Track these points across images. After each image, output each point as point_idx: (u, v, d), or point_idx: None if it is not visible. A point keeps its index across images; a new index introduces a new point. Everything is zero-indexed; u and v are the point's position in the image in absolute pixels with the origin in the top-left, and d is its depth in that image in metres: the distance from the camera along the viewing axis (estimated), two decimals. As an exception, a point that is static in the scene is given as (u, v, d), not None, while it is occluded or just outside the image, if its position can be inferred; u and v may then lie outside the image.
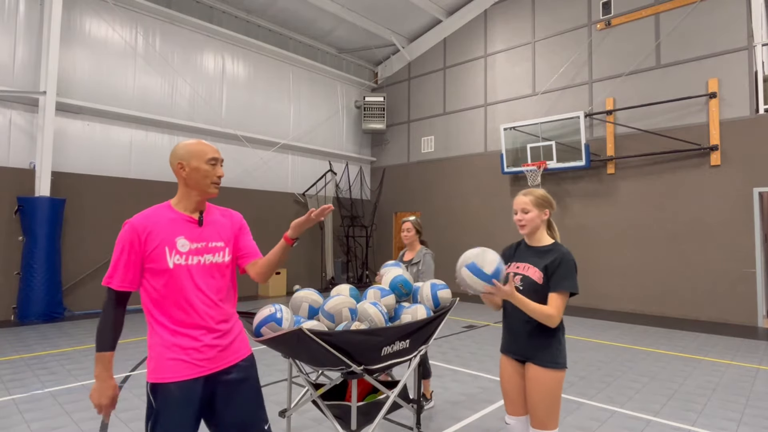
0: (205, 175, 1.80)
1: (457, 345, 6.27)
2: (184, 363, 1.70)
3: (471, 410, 3.88)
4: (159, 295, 1.73)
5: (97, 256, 8.44)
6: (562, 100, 10.31)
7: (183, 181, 1.81)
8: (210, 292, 1.79)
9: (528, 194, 2.32)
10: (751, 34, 8.06)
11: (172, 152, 1.83)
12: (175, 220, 1.78)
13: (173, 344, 1.71)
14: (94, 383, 1.71)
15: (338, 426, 2.37)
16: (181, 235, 1.77)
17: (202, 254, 1.79)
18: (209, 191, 1.83)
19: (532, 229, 2.30)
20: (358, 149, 14.18)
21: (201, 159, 1.79)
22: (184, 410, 1.70)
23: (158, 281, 1.72)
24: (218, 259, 1.84)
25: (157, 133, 9.57)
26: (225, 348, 1.80)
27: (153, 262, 1.72)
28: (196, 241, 1.79)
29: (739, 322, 7.84)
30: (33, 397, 4.08)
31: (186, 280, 1.74)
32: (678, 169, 8.68)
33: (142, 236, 1.71)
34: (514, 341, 2.30)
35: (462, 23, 12.40)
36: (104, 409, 1.69)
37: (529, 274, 2.23)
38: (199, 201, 1.84)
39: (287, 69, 12.17)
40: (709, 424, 3.64)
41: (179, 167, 1.79)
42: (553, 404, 2.16)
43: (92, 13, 8.72)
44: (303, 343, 2.16)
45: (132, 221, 1.73)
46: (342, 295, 2.62)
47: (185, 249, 1.76)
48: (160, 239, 1.73)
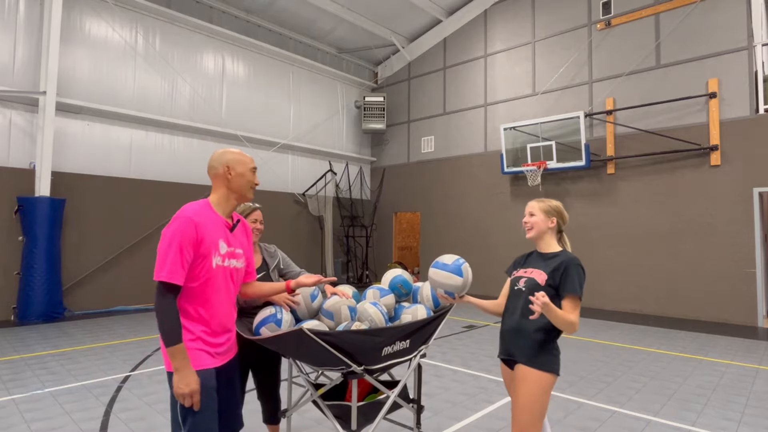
0: (248, 180, 1.98)
1: (457, 345, 6.27)
2: (206, 354, 1.84)
3: (471, 410, 3.87)
4: (195, 290, 1.82)
5: (97, 256, 8.44)
6: (562, 100, 10.31)
7: (226, 184, 1.95)
8: (231, 294, 1.96)
9: (540, 201, 2.39)
10: (751, 34, 8.06)
11: (217, 157, 1.96)
12: (217, 223, 1.90)
13: (198, 337, 1.83)
14: (175, 377, 1.73)
15: (338, 426, 2.36)
16: (221, 238, 1.90)
17: (231, 258, 1.94)
18: (248, 195, 2.00)
19: (537, 233, 2.33)
20: (358, 149, 14.18)
21: (246, 166, 1.98)
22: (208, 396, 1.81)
23: (199, 278, 1.81)
24: (239, 264, 2.00)
25: (157, 133, 9.57)
26: (231, 345, 2.01)
27: (201, 260, 1.81)
28: (230, 246, 1.94)
29: (739, 322, 7.84)
30: (33, 397, 4.07)
31: (220, 281, 1.88)
32: (678, 169, 8.68)
33: (200, 234, 1.80)
34: (507, 343, 2.31)
35: (462, 23, 12.40)
36: (195, 395, 1.73)
37: (533, 276, 2.25)
38: (235, 205, 2.00)
39: (287, 69, 12.17)
40: (709, 424, 3.64)
41: (226, 170, 1.93)
42: (538, 410, 2.10)
43: (92, 12, 8.72)
44: (304, 343, 2.16)
45: (191, 216, 1.79)
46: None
47: (224, 251, 1.89)
48: (210, 239, 1.84)
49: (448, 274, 2.37)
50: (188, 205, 1.87)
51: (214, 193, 1.97)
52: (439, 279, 2.40)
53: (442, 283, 2.39)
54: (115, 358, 5.35)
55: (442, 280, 2.38)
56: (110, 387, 4.37)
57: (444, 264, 2.41)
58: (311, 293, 2.59)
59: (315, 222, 12.62)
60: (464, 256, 2.48)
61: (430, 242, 12.59)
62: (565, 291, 2.14)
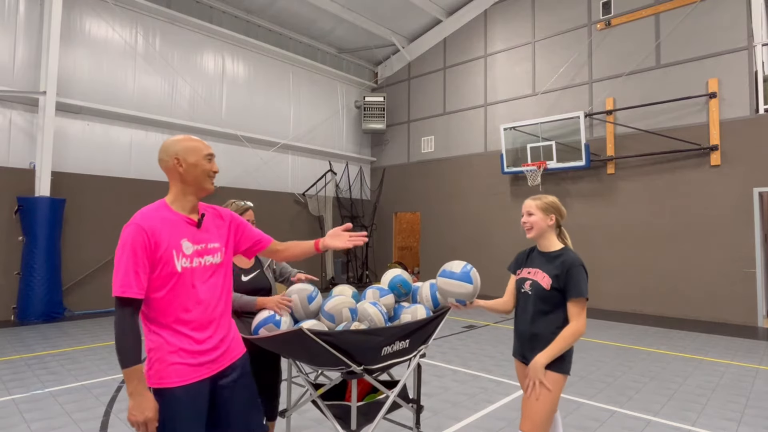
0: (203, 170, 1.77)
1: (457, 345, 6.27)
2: (189, 366, 1.67)
3: (471, 410, 3.87)
4: (163, 299, 1.67)
5: (97, 256, 8.44)
6: (562, 100, 10.31)
7: (179, 178, 1.75)
8: (211, 293, 1.78)
9: (536, 199, 2.36)
10: (751, 34, 8.05)
11: (164, 148, 1.75)
12: (175, 222, 1.73)
13: (178, 348, 1.66)
14: (130, 402, 1.58)
15: (338, 426, 2.36)
16: (184, 237, 1.73)
17: (202, 256, 1.77)
18: (207, 187, 1.80)
19: (537, 233, 2.32)
20: (358, 149, 14.18)
21: (199, 153, 1.76)
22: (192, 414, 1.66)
23: (164, 285, 1.66)
24: (216, 260, 1.82)
25: (157, 133, 9.57)
26: (226, 349, 1.81)
27: (161, 265, 1.65)
28: (197, 243, 1.76)
29: (739, 322, 7.84)
30: (33, 397, 4.07)
31: (191, 283, 1.72)
32: (678, 169, 8.68)
33: (152, 239, 1.63)
34: (521, 343, 2.34)
35: (462, 23, 12.39)
36: (150, 423, 1.58)
37: (537, 279, 2.25)
38: (194, 199, 1.80)
39: (287, 69, 12.17)
40: (709, 424, 3.64)
41: (176, 163, 1.73)
42: (550, 410, 2.15)
43: (92, 13, 8.72)
44: (303, 342, 2.15)
45: (138, 222, 1.63)
46: (342, 295, 2.62)
47: (189, 251, 1.73)
48: (168, 242, 1.67)
49: (459, 283, 2.35)
50: (140, 210, 1.70)
51: (170, 190, 1.78)
52: (449, 288, 2.38)
53: (453, 293, 2.37)
54: (115, 358, 5.34)
55: (453, 289, 2.36)
56: (110, 387, 4.37)
57: (452, 272, 2.39)
58: (308, 295, 2.59)
59: (315, 222, 12.62)
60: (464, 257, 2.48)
61: (430, 242, 12.59)
62: (571, 295, 2.16)
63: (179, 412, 1.64)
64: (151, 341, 1.69)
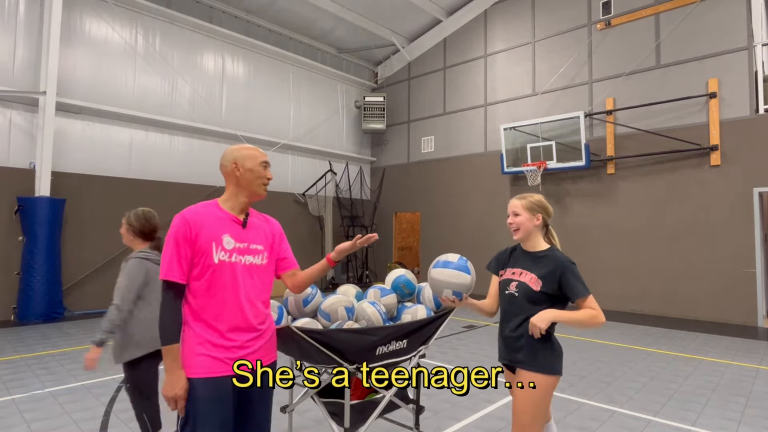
0: (258, 176, 1.90)
1: (457, 345, 6.27)
2: (214, 360, 1.73)
3: (471, 410, 3.87)
4: (200, 289, 1.77)
5: (97, 256, 8.44)
6: (562, 100, 10.31)
7: (235, 181, 1.89)
8: (248, 292, 1.85)
9: (521, 198, 2.29)
10: (751, 34, 8.05)
11: (224, 155, 1.91)
12: (222, 218, 1.84)
13: (206, 340, 1.74)
14: (164, 378, 1.70)
15: (333, 423, 2.37)
16: (227, 233, 1.82)
17: (243, 254, 1.85)
18: (259, 191, 1.92)
19: (524, 233, 2.24)
20: (358, 149, 14.18)
21: (255, 161, 1.90)
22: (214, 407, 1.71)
23: (203, 275, 1.76)
24: (258, 261, 1.90)
25: (157, 133, 9.57)
26: (256, 350, 1.85)
27: (200, 256, 1.76)
28: (240, 241, 1.85)
29: (739, 322, 7.84)
30: (33, 397, 4.07)
31: (228, 278, 1.79)
32: (678, 169, 8.68)
33: (194, 230, 1.76)
34: (506, 346, 2.24)
35: (462, 23, 12.39)
36: (179, 401, 1.68)
37: (524, 281, 2.17)
38: (246, 201, 1.92)
39: (287, 69, 12.17)
40: (709, 424, 3.64)
41: (234, 167, 1.87)
42: (540, 412, 2.08)
43: (92, 13, 8.72)
44: (293, 340, 2.16)
45: (184, 214, 1.78)
46: (339, 294, 2.62)
47: (230, 247, 1.82)
48: (209, 234, 1.78)
49: (455, 272, 2.20)
50: (191, 206, 1.86)
51: (225, 191, 1.93)
52: (444, 278, 2.20)
53: (449, 283, 2.19)
54: (115, 358, 5.35)
55: (449, 279, 2.19)
56: (110, 387, 4.36)
57: (448, 261, 2.24)
58: (304, 298, 2.60)
59: (315, 222, 12.62)
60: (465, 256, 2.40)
61: (430, 242, 12.58)
62: (578, 296, 2.10)
63: (202, 402, 1.70)
64: (184, 332, 1.78)
